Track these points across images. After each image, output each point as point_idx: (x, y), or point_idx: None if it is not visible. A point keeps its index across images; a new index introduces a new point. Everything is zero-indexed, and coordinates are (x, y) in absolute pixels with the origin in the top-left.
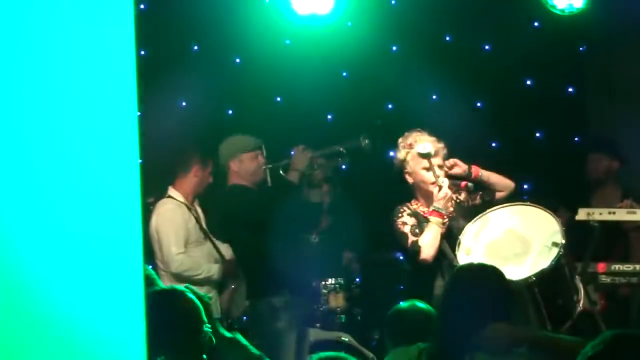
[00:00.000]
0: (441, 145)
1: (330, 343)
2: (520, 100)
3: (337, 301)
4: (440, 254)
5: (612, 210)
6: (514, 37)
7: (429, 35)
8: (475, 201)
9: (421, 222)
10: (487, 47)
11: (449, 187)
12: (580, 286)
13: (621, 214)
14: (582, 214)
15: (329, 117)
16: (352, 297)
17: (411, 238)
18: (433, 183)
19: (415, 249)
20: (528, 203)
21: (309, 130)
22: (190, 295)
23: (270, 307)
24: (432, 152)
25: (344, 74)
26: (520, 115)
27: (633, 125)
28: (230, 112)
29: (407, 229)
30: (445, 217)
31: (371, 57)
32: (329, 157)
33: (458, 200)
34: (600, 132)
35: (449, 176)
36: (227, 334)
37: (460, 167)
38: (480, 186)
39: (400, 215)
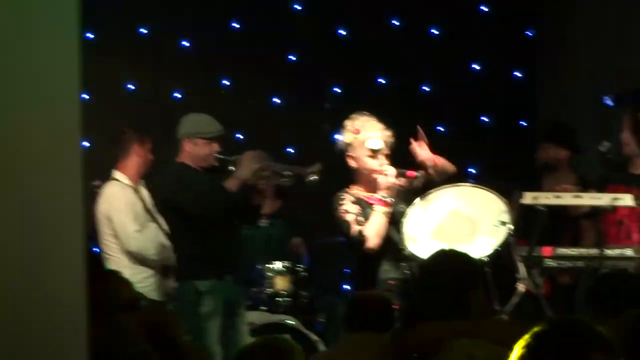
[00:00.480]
0: (388, 133)
1: (276, 326)
2: (468, 84)
3: (282, 284)
4: (385, 239)
5: (558, 194)
6: (462, 20)
7: (377, 18)
8: (416, 184)
9: (364, 208)
10: (434, 31)
11: (395, 176)
12: (522, 267)
13: (567, 199)
14: (528, 198)
15: (278, 101)
16: (298, 280)
17: (355, 227)
18: (377, 171)
19: (361, 238)
20: (470, 184)
21: (257, 114)
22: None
23: (194, 291)
24: (383, 147)
25: (291, 57)
26: (468, 99)
27: (582, 109)
28: (178, 95)
29: (350, 217)
30: (390, 205)
31: (319, 41)
32: (276, 173)
33: (399, 186)
34: (550, 119)
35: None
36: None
37: (427, 152)
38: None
39: (342, 202)
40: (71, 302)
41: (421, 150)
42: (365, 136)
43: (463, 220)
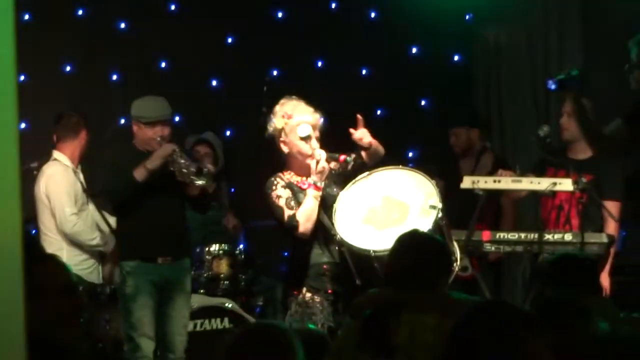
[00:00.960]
0: (317, 115)
1: (214, 309)
2: (406, 67)
3: (220, 267)
4: (318, 223)
5: (497, 178)
6: (401, 4)
7: (315, 2)
8: (347, 168)
9: (296, 192)
10: (373, 15)
11: (326, 160)
12: (456, 246)
13: (506, 183)
14: (467, 182)
15: (214, 82)
16: (237, 263)
17: (287, 212)
18: (310, 156)
19: (293, 223)
20: (401, 167)
21: (195, 96)
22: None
23: (122, 272)
24: (312, 133)
25: (229, 39)
26: (407, 82)
27: (518, 92)
28: (115, 77)
29: (282, 202)
30: (321, 189)
31: (256, 23)
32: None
33: (330, 169)
34: (463, 105)
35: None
36: None
37: (367, 136)
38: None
39: (274, 187)
40: (7, 287)
41: (362, 134)
42: (296, 121)
43: (393, 204)
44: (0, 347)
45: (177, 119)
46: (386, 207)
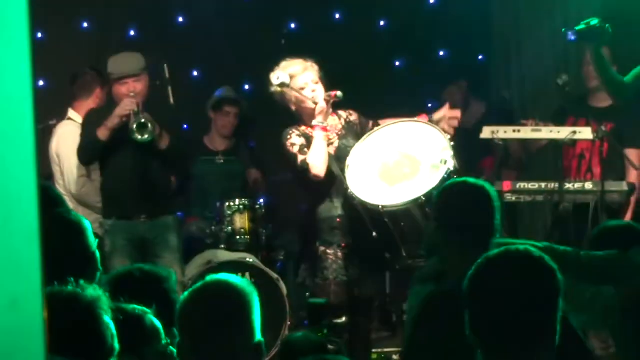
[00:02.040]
0: (309, 62)
1: (235, 264)
2: (424, 19)
3: (241, 222)
4: (331, 174)
5: (516, 128)
6: None
7: None
8: (366, 128)
9: (311, 142)
10: None
11: (325, 100)
12: None
13: (526, 132)
14: (486, 132)
15: (232, 38)
16: (257, 218)
17: (300, 157)
18: (311, 100)
19: (304, 166)
20: (416, 119)
21: (212, 50)
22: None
23: (103, 230)
24: (288, 81)
25: None
26: (425, 33)
27: (539, 43)
28: (132, 32)
29: (295, 149)
30: (329, 131)
31: None
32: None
33: (348, 120)
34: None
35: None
36: None
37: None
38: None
39: (289, 137)
40: (26, 252)
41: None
42: (291, 75)
43: (405, 159)
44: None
45: (195, 73)
46: (398, 161)
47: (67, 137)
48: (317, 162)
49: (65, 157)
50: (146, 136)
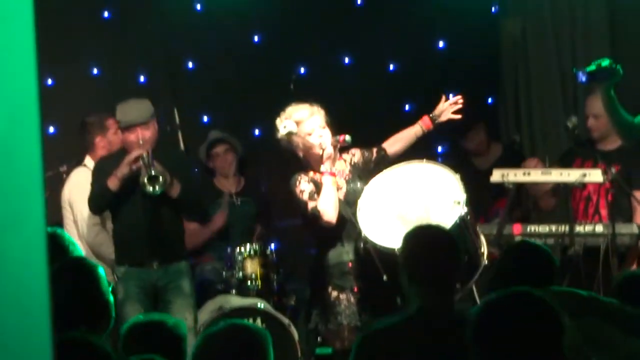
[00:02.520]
0: (315, 107)
1: (247, 310)
2: (433, 62)
3: (252, 268)
4: (341, 219)
5: (526, 171)
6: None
7: None
8: (370, 163)
9: (319, 188)
10: (399, 8)
11: (332, 145)
12: (483, 239)
13: (536, 175)
14: (496, 175)
15: (241, 82)
16: (268, 263)
17: (310, 204)
18: (318, 145)
19: (315, 213)
20: (425, 161)
21: (222, 95)
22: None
23: (116, 277)
24: (294, 129)
25: (256, 37)
26: (434, 77)
27: (546, 84)
28: (142, 79)
29: (305, 196)
30: (338, 176)
31: (281, 21)
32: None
33: (353, 163)
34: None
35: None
36: None
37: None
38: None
39: (297, 183)
40: (33, 297)
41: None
42: (298, 120)
43: (417, 200)
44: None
45: (205, 119)
46: (410, 202)
47: (79, 185)
48: (328, 208)
49: (78, 205)
50: (157, 188)
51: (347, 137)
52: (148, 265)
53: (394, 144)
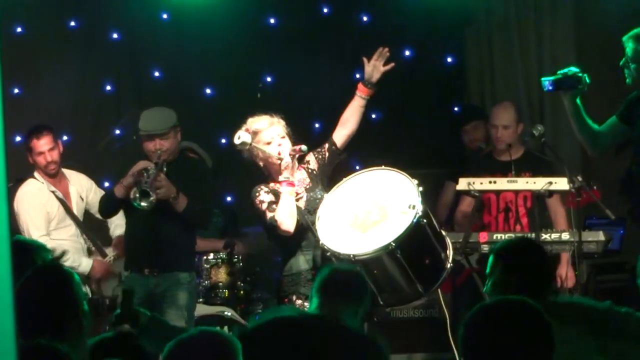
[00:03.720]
0: (276, 118)
1: (214, 318)
2: (399, 70)
3: (219, 276)
4: (301, 227)
5: (492, 179)
6: (392, 7)
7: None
8: (325, 162)
9: (279, 198)
10: (365, 18)
11: (290, 155)
12: (449, 242)
13: (502, 183)
14: (462, 184)
15: (208, 91)
16: (235, 271)
17: (269, 214)
18: (277, 155)
19: (273, 223)
20: (384, 167)
21: (189, 104)
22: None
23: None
24: (248, 140)
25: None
26: (399, 85)
27: (512, 92)
28: (108, 88)
29: (264, 206)
30: (298, 185)
31: (248, 30)
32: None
33: (310, 170)
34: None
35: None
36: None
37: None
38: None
39: (257, 194)
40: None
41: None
42: (252, 129)
43: (374, 206)
44: None
45: None
46: (368, 209)
47: (26, 197)
48: (285, 218)
49: (23, 218)
50: (144, 204)
51: (304, 147)
52: (147, 272)
53: (343, 125)
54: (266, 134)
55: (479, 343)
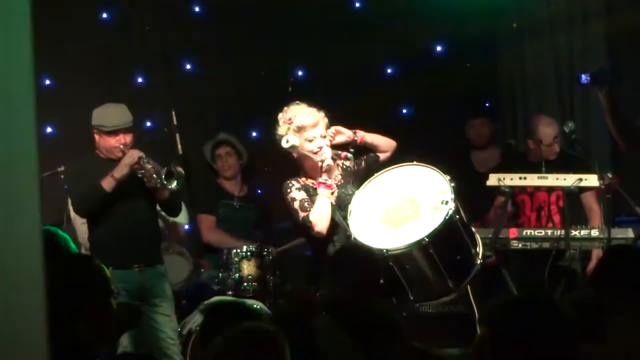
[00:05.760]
0: (321, 114)
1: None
2: (431, 65)
3: (249, 269)
4: (333, 223)
5: (522, 175)
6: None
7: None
8: (361, 166)
9: (312, 195)
10: (397, 13)
11: (332, 158)
12: (478, 239)
13: (532, 179)
14: (493, 180)
15: (240, 84)
16: (264, 264)
17: (302, 214)
18: (316, 153)
19: (307, 224)
20: (415, 163)
21: (218, 98)
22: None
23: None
24: (297, 144)
25: (256, 40)
26: (432, 81)
27: (543, 88)
28: (140, 80)
29: (297, 205)
30: (333, 187)
31: (279, 24)
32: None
33: (344, 167)
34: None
35: (333, 145)
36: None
37: (344, 134)
38: (364, 149)
39: (289, 190)
40: (28, 296)
41: (338, 136)
42: (296, 124)
43: (407, 202)
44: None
45: (201, 120)
46: (400, 204)
47: None
48: (320, 221)
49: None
50: (173, 185)
51: (349, 155)
52: (130, 267)
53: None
54: (310, 132)
55: (507, 337)
